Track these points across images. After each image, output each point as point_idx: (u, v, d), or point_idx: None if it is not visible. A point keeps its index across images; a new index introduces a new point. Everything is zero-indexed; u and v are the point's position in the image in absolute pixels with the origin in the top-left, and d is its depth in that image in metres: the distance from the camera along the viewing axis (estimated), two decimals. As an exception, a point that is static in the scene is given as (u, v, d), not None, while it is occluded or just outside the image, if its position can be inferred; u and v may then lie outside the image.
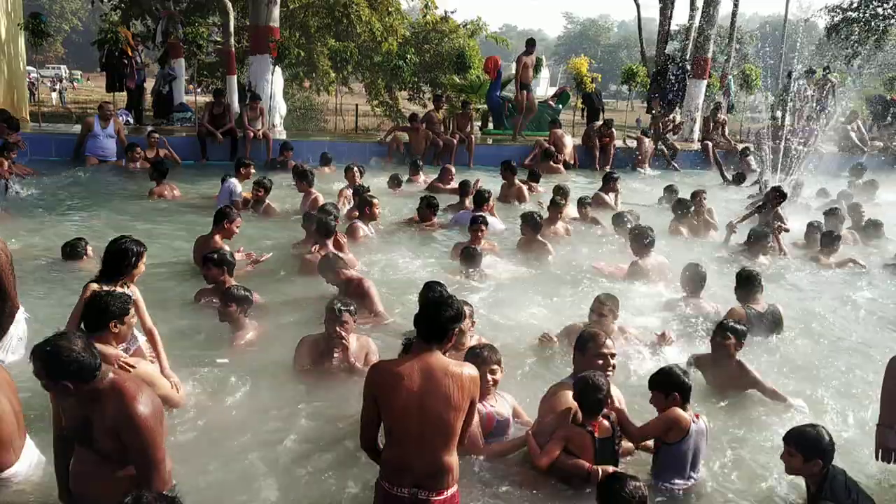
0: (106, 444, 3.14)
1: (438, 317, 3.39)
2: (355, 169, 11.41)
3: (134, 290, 4.82)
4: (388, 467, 3.44)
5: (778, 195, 9.60)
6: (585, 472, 3.90)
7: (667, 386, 4.07)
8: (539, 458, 3.96)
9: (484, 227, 8.34)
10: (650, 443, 4.18)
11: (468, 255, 7.69)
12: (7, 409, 3.67)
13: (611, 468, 3.86)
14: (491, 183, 12.00)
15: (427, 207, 9.66)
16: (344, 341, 5.01)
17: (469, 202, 10.30)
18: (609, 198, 11.60)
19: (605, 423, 4.04)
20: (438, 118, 15.92)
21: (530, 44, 17.51)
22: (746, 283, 6.32)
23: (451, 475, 3.43)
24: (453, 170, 12.67)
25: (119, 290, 4.56)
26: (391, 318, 6.33)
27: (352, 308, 5.13)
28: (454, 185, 11.90)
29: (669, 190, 12.00)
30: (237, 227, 7.46)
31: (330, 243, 7.38)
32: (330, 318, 5.04)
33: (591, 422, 3.99)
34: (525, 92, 17.31)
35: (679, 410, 4.02)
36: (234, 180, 10.33)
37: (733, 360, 5.09)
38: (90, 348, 3.15)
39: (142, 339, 4.85)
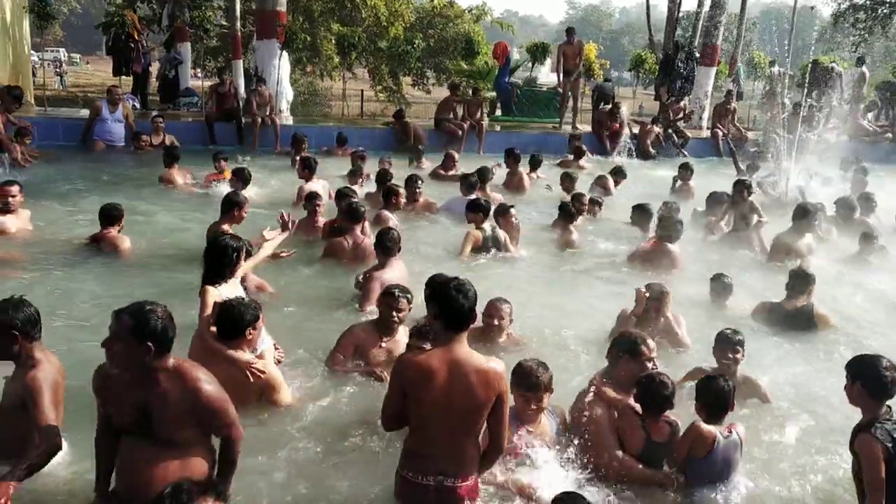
0: (167, 431, 3.17)
1: (462, 304, 3.34)
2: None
3: (236, 284, 4.92)
4: (410, 456, 3.46)
5: (743, 189, 9.39)
6: (661, 481, 3.90)
7: (704, 397, 3.96)
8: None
9: (514, 215, 8.25)
10: None
11: (475, 206, 7.86)
12: (61, 397, 3.66)
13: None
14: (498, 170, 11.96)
15: (407, 186, 9.40)
16: (395, 323, 4.96)
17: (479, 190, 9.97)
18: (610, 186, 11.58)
19: (667, 428, 3.96)
20: (455, 106, 15.60)
21: (570, 32, 17.31)
22: (790, 281, 6.37)
23: (475, 462, 3.46)
24: (457, 156, 12.58)
25: (232, 289, 4.74)
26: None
27: (410, 296, 5.05)
28: (457, 171, 11.80)
29: (685, 167, 11.99)
30: (246, 212, 7.34)
31: (358, 229, 7.28)
32: (388, 302, 4.99)
33: (649, 420, 3.93)
34: (567, 80, 17.09)
35: (702, 426, 3.89)
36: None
37: (737, 375, 4.80)
38: (172, 320, 3.24)
39: (269, 341, 4.85)
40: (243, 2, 19.47)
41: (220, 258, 4.79)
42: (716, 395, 3.92)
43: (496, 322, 5.34)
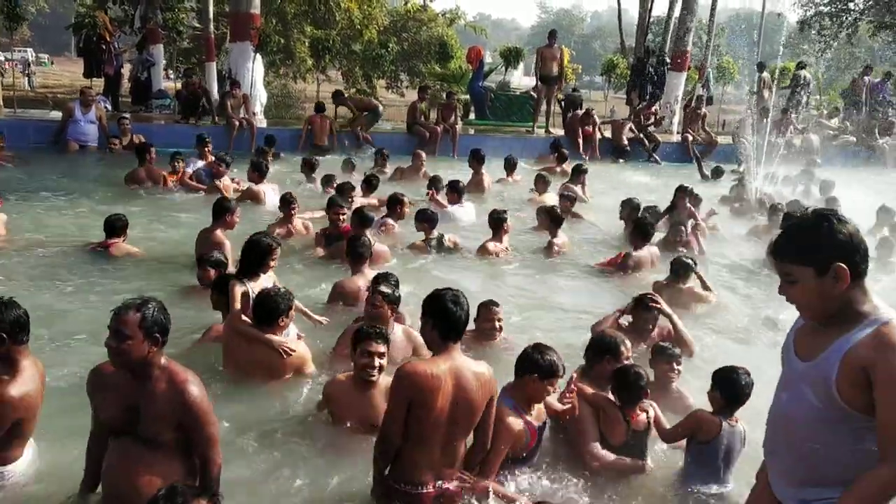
0: (153, 430, 3.18)
1: (459, 315, 3.45)
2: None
3: (270, 277, 5.43)
4: (408, 467, 3.48)
5: (683, 193, 9.56)
6: (639, 470, 4.05)
7: (724, 387, 4.01)
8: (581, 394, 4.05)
9: (507, 224, 8.31)
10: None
11: (422, 217, 8.10)
12: (38, 403, 3.65)
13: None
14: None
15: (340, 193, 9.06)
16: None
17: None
18: (578, 189, 11.66)
19: (643, 417, 4.10)
20: (422, 109, 16.01)
21: (551, 36, 17.29)
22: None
23: (463, 458, 3.62)
24: (424, 157, 12.64)
25: (275, 284, 5.24)
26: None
27: (387, 293, 4.91)
28: (422, 174, 11.88)
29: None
30: (238, 218, 7.40)
31: (369, 233, 7.26)
32: (367, 299, 5.00)
33: (628, 410, 4.06)
34: (545, 86, 17.13)
35: (705, 414, 4.04)
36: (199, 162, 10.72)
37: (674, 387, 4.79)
38: (168, 314, 3.29)
39: (293, 330, 5.22)
40: (216, 4, 19.37)
41: (252, 255, 5.30)
42: (739, 389, 3.99)
43: (492, 325, 5.40)
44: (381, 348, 4.19)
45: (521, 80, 44.58)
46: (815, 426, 2.45)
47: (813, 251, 2.36)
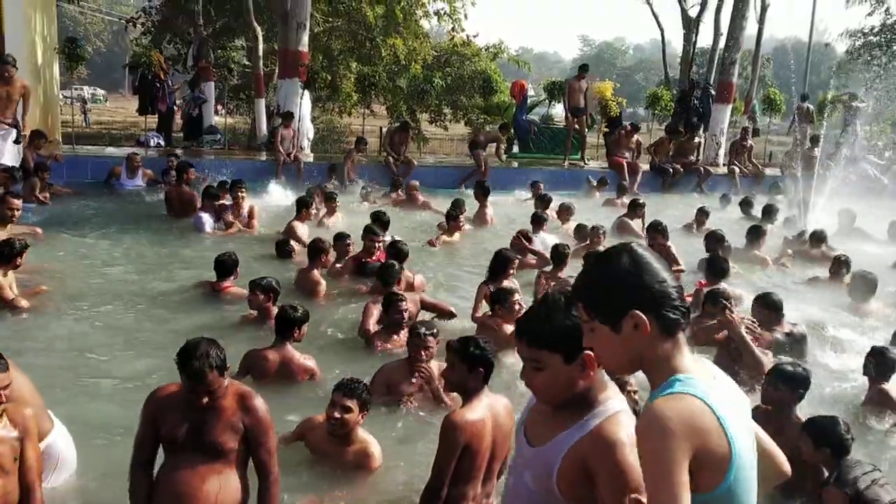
0: (220, 441, 3.35)
1: (492, 363, 3.68)
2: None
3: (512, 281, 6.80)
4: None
5: (655, 231, 9.11)
6: None
7: (822, 440, 3.83)
8: None
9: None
10: None
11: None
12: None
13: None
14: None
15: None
16: (425, 368, 4.84)
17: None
18: (635, 224, 11.47)
19: None
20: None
21: (582, 69, 17.74)
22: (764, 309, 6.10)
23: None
24: (417, 184, 12.94)
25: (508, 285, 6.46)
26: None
27: (435, 331, 5.02)
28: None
29: (701, 212, 12.05)
30: (332, 257, 7.79)
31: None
32: (415, 342, 4.95)
33: None
34: (575, 117, 17.51)
35: None
36: (203, 215, 10.25)
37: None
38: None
39: None
40: (265, 42, 19.89)
41: (495, 264, 6.72)
42: (843, 439, 3.89)
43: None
44: (348, 403, 4.09)
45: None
46: None
47: (566, 337, 2.21)
